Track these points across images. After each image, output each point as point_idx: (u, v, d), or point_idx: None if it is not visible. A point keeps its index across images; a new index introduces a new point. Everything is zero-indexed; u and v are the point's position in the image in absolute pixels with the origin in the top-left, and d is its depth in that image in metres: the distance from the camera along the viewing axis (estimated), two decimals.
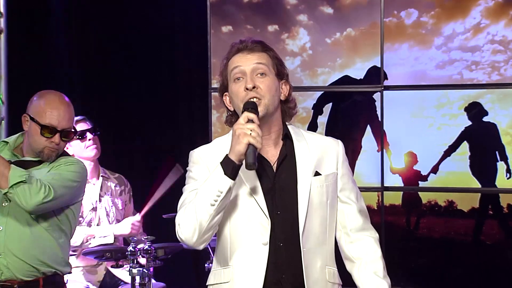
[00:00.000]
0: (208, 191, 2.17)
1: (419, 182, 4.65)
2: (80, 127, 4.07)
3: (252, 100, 2.21)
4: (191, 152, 2.37)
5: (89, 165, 4.10)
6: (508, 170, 4.51)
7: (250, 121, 2.16)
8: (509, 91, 4.49)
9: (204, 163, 2.31)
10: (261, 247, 2.23)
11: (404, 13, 4.64)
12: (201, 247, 2.27)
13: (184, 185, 2.36)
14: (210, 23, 4.74)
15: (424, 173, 4.63)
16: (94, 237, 3.93)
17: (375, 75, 4.64)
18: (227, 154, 2.18)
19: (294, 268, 2.25)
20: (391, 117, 4.63)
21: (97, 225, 4.12)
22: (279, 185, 2.27)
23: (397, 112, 4.63)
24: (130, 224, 4.00)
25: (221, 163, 2.17)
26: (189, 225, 2.19)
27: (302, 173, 2.28)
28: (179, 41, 5.30)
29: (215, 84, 4.77)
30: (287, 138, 2.32)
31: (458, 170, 4.61)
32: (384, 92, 4.63)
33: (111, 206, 4.14)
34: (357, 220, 2.35)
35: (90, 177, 4.10)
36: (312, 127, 4.68)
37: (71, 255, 3.87)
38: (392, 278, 4.82)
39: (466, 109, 4.57)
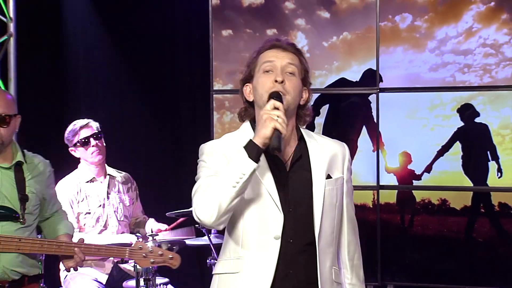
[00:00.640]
0: (230, 173, 2.18)
1: (413, 181, 4.65)
2: (84, 133, 4.17)
3: (277, 91, 2.25)
4: (202, 145, 2.37)
5: (95, 168, 4.23)
6: (499, 170, 4.52)
7: (276, 108, 2.19)
8: (500, 93, 4.50)
9: (220, 153, 2.31)
10: (273, 241, 2.24)
11: (398, 17, 4.63)
12: (220, 227, 2.27)
13: (197, 175, 2.34)
14: (212, 27, 4.72)
15: (418, 172, 4.63)
16: None
17: (371, 78, 4.64)
18: (250, 139, 2.19)
19: (302, 265, 2.27)
20: (386, 118, 4.64)
21: (106, 221, 4.18)
22: (292, 184, 2.29)
23: (392, 114, 4.63)
24: (130, 241, 3.99)
25: (244, 147, 2.19)
26: (209, 206, 2.20)
27: (317, 175, 2.31)
28: (181, 45, 5.31)
29: (216, 86, 4.77)
30: (301, 140, 2.35)
31: (451, 170, 4.60)
32: (380, 94, 4.63)
33: (119, 202, 4.23)
34: (351, 233, 2.41)
35: (98, 176, 4.22)
36: (310, 127, 4.63)
37: None
38: (387, 273, 4.87)
39: (458, 111, 4.57)
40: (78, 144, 4.16)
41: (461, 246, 4.61)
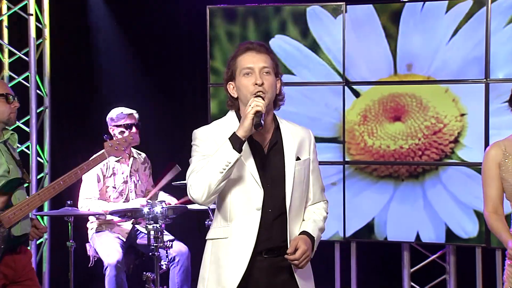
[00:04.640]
0: (218, 161, 2.36)
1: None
2: (129, 119, 4.36)
3: (259, 93, 2.43)
4: (195, 131, 2.55)
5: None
6: None
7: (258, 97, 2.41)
8: None
9: (212, 139, 2.48)
10: (255, 211, 2.48)
11: None
12: (210, 205, 2.56)
13: (191, 157, 2.55)
14: (209, 32, 4.88)
15: None
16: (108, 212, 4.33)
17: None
18: (234, 132, 2.39)
19: (280, 230, 2.50)
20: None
21: (127, 195, 4.47)
22: (269, 165, 2.51)
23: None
24: (139, 204, 4.37)
25: (229, 139, 2.38)
26: (200, 187, 2.39)
27: (288, 158, 2.52)
28: (185, 47, 5.71)
29: (212, 80, 4.90)
30: (278, 128, 2.56)
31: None
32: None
33: (138, 180, 4.60)
34: (318, 195, 2.66)
35: (124, 157, 4.47)
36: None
37: (100, 214, 4.32)
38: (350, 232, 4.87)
39: None
40: (121, 126, 4.38)
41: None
